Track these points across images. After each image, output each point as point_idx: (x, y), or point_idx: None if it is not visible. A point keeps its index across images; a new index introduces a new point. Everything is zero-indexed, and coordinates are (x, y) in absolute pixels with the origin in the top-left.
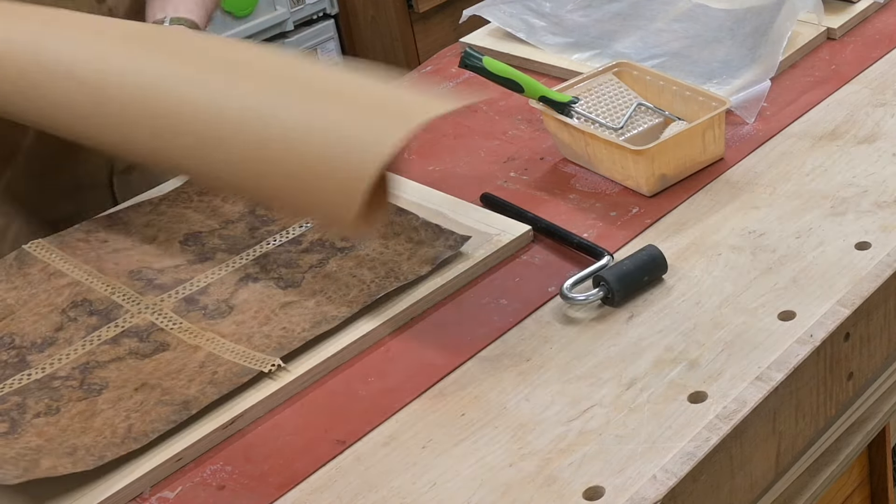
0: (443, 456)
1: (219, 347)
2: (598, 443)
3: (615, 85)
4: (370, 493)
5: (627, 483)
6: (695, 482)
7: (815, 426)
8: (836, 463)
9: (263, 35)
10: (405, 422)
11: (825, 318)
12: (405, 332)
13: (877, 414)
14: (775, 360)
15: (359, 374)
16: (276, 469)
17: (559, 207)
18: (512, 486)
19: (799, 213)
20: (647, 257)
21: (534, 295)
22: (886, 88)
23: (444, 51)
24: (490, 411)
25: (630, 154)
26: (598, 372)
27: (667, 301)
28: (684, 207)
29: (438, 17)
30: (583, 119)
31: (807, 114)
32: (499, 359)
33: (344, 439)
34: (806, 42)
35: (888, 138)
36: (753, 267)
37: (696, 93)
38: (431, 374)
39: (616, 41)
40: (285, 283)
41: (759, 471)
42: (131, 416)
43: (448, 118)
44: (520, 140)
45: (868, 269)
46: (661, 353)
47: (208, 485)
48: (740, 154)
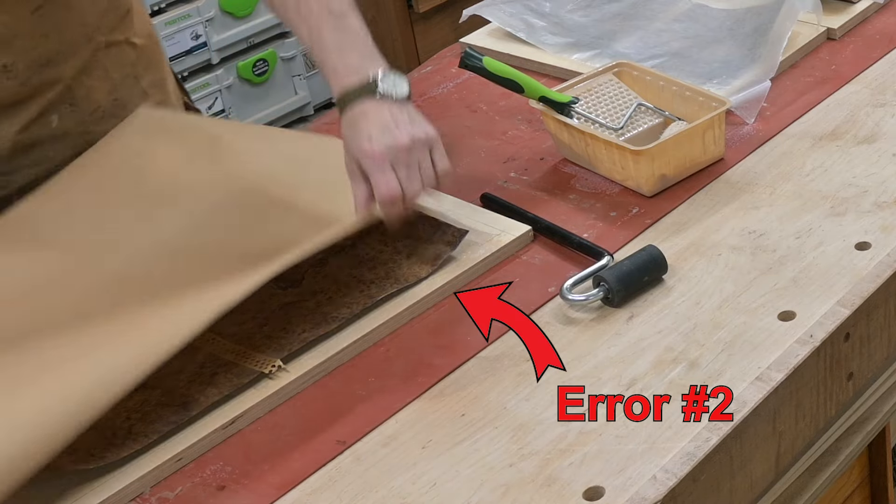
0: (443, 456)
1: (219, 348)
2: (598, 443)
3: (615, 85)
4: (370, 493)
5: (627, 483)
6: (695, 482)
7: (815, 426)
8: (836, 463)
9: (263, 35)
10: (405, 422)
11: (825, 319)
12: (405, 332)
13: (877, 414)
14: (775, 360)
15: (359, 374)
16: (276, 469)
17: (559, 207)
18: (512, 487)
19: (799, 214)
20: (647, 257)
21: (534, 295)
22: (886, 88)
23: (444, 51)
24: (490, 411)
25: (630, 154)
26: (598, 372)
27: (667, 301)
28: (684, 207)
29: (438, 17)
30: (583, 119)
31: (807, 114)
32: (499, 359)
33: (344, 439)
34: (806, 42)
35: (888, 138)
36: (753, 267)
37: (696, 93)
38: (431, 374)
39: (616, 41)
40: (285, 284)
41: (759, 471)
42: (132, 416)
43: (448, 118)
44: (520, 140)
45: (868, 269)
46: (661, 353)
47: (208, 485)
48: (740, 154)
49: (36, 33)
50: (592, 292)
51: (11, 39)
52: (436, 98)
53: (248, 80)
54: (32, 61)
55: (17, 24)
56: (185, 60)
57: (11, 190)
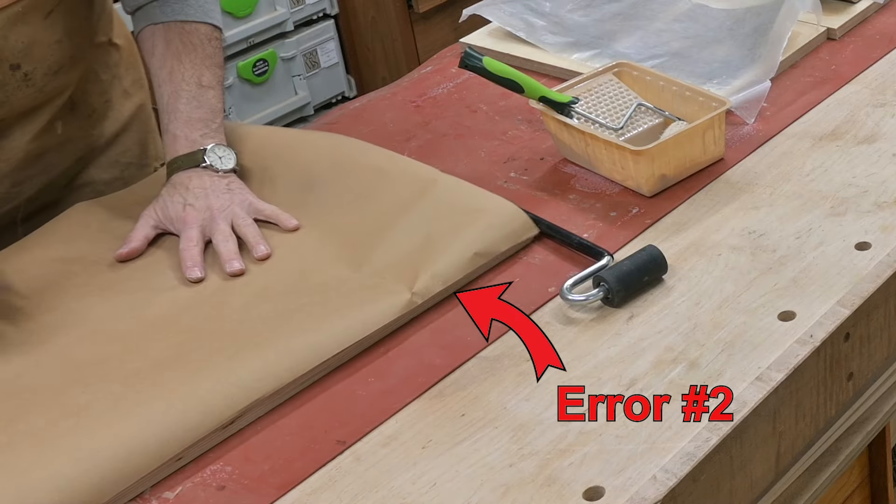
0: (443, 456)
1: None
2: (598, 443)
3: (615, 85)
4: (370, 493)
5: (627, 483)
6: (695, 482)
7: (815, 426)
8: (836, 463)
9: (263, 35)
10: (405, 422)
11: (825, 319)
12: (405, 332)
13: (877, 414)
14: (775, 360)
15: (359, 375)
16: (276, 469)
17: (559, 207)
18: (512, 487)
19: (799, 214)
20: (647, 257)
21: (534, 295)
22: (886, 89)
23: (444, 51)
24: (490, 411)
25: (630, 154)
26: (598, 372)
27: (667, 301)
28: (684, 208)
29: (438, 17)
30: (583, 119)
31: (807, 114)
32: (499, 359)
33: (344, 439)
34: (806, 42)
35: (888, 138)
36: (753, 267)
37: (696, 93)
38: (431, 374)
39: (616, 41)
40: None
41: (759, 471)
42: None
43: (448, 118)
44: (520, 140)
45: (868, 270)
46: (661, 353)
47: (208, 485)
48: (740, 154)
49: (51, 40)
50: (592, 292)
51: (31, 47)
52: (436, 98)
53: (248, 80)
54: (48, 68)
55: (35, 32)
56: None
57: (20, 200)
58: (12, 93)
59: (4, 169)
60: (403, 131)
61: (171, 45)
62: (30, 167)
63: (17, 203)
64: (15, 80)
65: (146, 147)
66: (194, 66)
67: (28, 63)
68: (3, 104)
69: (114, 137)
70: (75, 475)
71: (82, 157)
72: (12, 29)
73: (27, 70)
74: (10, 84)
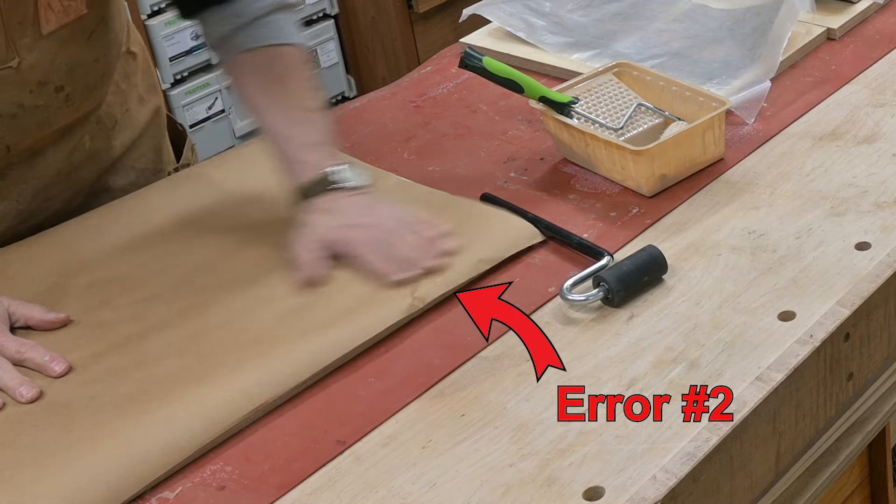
0: (443, 456)
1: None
2: (598, 443)
3: (615, 85)
4: (370, 493)
5: (627, 483)
6: (695, 482)
7: (815, 426)
8: (836, 463)
9: None
10: (405, 422)
11: (825, 319)
12: (405, 332)
13: (877, 414)
14: (775, 360)
15: (359, 375)
16: (276, 469)
17: (559, 207)
18: (512, 487)
19: (799, 214)
20: (647, 257)
21: (534, 295)
22: (886, 89)
23: (444, 51)
24: (490, 411)
25: (630, 154)
26: (598, 372)
27: (667, 301)
28: (684, 208)
29: (438, 17)
30: (583, 119)
31: (807, 114)
32: (499, 359)
33: (344, 440)
34: (806, 42)
35: (888, 138)
36: (753, 267)
37: (696, 93)
38: (431, 374)
39: (616, 41)
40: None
41: (759, 471)
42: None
43: (448, 118)
44: (520, 140)
45: (868, 270)
46: (661, 353)
47: (208, 485)
48: (740, 154)
49: (90, 59)
50: (592, 292)
51: (74, 68)
52: (436, 98)
53: None
54: (86, 87)
55: (79, 54)
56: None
57: (48, 214)
58: (54, 113)
59: (38, 186)
60: (403, 131)
61: (272, 71)
62: (61, 182)
63: (45, 217)
64: (58, 102)
65: (160, 152)
66: (298, 90)
67: (70, 84)
68: (44, 125)
69: (131, 144)
70: (79, 486)
71: (107, 168)
72: (59, 52)
73: (69, 91)
74: (52, 105)
